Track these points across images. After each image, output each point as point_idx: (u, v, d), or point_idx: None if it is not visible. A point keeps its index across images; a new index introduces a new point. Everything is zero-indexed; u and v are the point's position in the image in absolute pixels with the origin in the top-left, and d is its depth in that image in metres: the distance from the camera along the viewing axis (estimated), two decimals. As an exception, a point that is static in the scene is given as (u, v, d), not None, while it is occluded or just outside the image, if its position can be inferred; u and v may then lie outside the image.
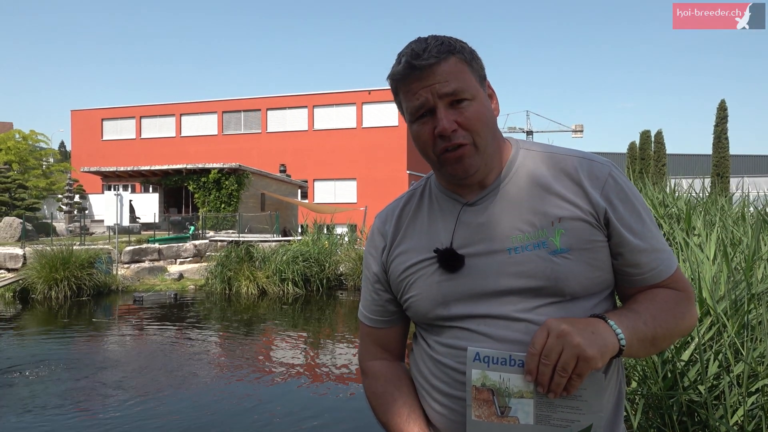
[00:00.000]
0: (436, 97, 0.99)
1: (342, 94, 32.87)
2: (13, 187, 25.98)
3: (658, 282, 1.04)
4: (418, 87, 1.00)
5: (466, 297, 1.02)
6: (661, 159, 27.80)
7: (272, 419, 5.20)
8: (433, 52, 0.99)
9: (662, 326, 0.99)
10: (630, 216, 1.01)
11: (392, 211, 1.17)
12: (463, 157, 1.01)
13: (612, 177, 1.03)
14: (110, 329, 9.88)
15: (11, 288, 12.83)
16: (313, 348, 8.68)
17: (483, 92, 1.04)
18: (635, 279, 1.04)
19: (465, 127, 1.00)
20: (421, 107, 1.01)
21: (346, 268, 14.19)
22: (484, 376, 0.95)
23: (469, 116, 1.00)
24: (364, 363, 1.23)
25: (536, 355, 0.90)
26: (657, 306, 1.00)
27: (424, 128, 1.02)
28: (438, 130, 0.99)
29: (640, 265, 1.02)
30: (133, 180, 25.03)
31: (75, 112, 37.41)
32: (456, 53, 1.01)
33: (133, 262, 15.17)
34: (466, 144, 1.00)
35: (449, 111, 0.99)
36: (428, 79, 0.99)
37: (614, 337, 0.92)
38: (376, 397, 1.15)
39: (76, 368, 6.95)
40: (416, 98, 1.01)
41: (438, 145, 1.01)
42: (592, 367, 0.89)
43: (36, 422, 5.09)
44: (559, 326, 0.90)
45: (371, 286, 1.19)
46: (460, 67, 1.01)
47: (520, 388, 0.93)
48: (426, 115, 1.02)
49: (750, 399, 2.02)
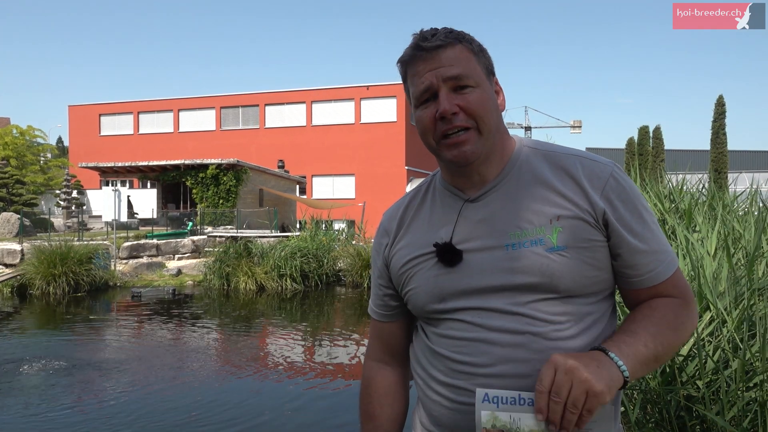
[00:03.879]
0: (440, 80, 1.01)
1: (340, 90, 32.78)
2: (11, 183, 25.92)
3: (657, 284, 1.03)
4: (423, 69, 1.02)
5: (462, 291, 1.04)
6: (659, 154, 27.82)
7: (270, 413, 5.21)
8: (441, 37, 1.02)
9: (663, 343, 0.98)
10: (630, 217, 1.01)
11: (398, 209, 1.20)
12: (465, 142, 1.01)
13: (614, 177, 1.03)
14: (108, 325, 9.88)
15: (9, 284, 12.81)
16: (311, 343, 8.69)
17: (489, 84, 1.05)
18: (633, 281, 1.04)
19: (468, 112, 1.01)
20: (426, 91, 1.02)
21: (344, 263, 14.19)
22: (494, 417, 0.95)
23: (473, 101, 1.01)
24: (366, 361, 1.29)
25: (545, 392, 0.90)
26: (656, 322, 1.00)
27: (426, 112, 1.04)
28: (439, 112, 1.01)
29: (638, 267, 1.02)
30: (131, 175, 24.98)
31: (72, 108, 37.28)
32: (464, 41, 1.04)
33: (131, 257, 15.15)
34: (468, 128, 1.01)
35: (452, 95, 1.01)
36: (434, 62, 1.01)
37: (617, 370, 0.92)
38: (362, 403, 1.26)
39: (73, 364, 6.95)
40: (421, 82, 1.03)
41: (439, 128, 1.02)
42: (602, 401, 0.88)
43: (33, 417, 5.09)
44: (566, 362, 0.89)
45: (376, 280, 1.24)
46: (467, 55, 1.03)
47: (531, 427, 0.93)
48: (430, 100, 1.03)
49: (747, 394, 2.02)
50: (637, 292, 1.05)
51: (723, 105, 25.68)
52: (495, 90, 1.08)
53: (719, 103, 25.67)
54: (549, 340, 0.98)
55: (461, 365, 1.02)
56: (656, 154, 27.85)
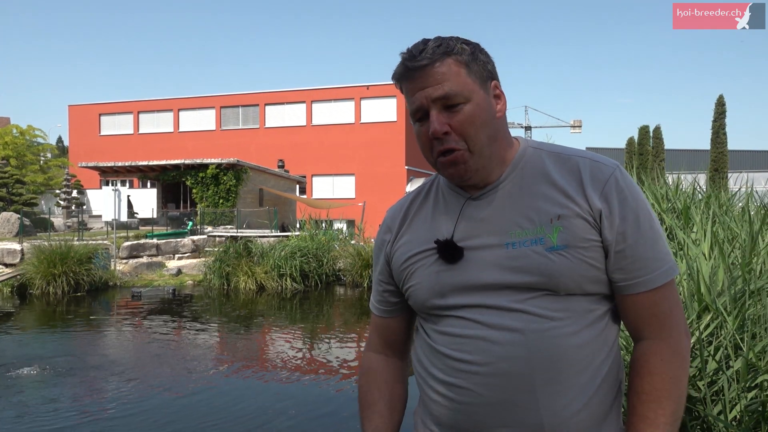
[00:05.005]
0: (429, 101, 1.02)
1: (340, 90, 32.79)
2: (11, 183, 25.91)
3: (643, 291, 1.01)
4: (413, 90, 1.03)
5: (462, 288, 1.04)
6: (659, 154, 27.81)
7: (270, 413, 5.21)
8: (428, 54, 1.01)
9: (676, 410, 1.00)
10: (625, 219, 1.00)
11: (401, 206, 1.21)
12: (456, 162, 1.03)
13: (615, 178, 1.02)
14: (108, 325, 9.87)
15: (9, 283, 12.81)
16: (311, 343, 8.69)
17: (483, 93, 1.04)
18: (620, 285, 1.02)
19: (457, 132, 1.02)
20: (418, 110, 1.04)
21: (344, 263, 14.19)
22: None
23: (462, 120, 1.01)
24: (365, 352, 1.31)
25: None
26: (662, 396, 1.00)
27: (422, 130, 1.06)
28: (430, 133, 1.02)
29: (625, 271, 1.01)
30: (131, 175, 24.98)
31: (72, 108, 37.29)
32: (453, 54, 1.02)
33: (131, 257, 15.15)
34: (459, 150, 1.02)
35: (442, 114, 1.02)
36: (422, 81, 1.02)
37: None
38: (361, 391, 1.26)
39: (73, 364, 6.95)
40: (412, 102, 1.04)
41: (435, 147, 1.04)
42: None
43: (33, 417, 5.09)
44: None
45: (377, 276, 1.25)
46: (456, 70, 1.01)
47: None
48: (423, 118, 1.05)
49: (749, 394, 2.02)
50: (623, 298, 1.04)
51: (723, 105, 25.66)
52: (495, 95, 1.06)
53: (719, 103, 25.65)
54: (550, 337, 0.98)
55: (460, 363, 1.02)
56: (656, 154, 27.84)
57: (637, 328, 1.05)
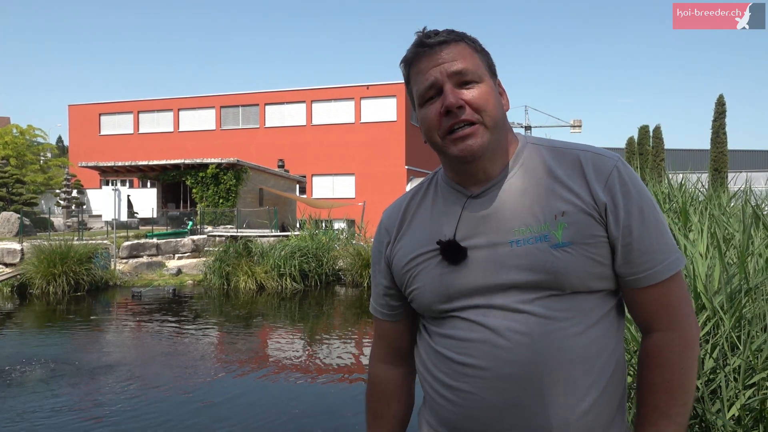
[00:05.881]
0: (445, 75, 1.01)
1: (340, 89, 32.77)
2: (11, 182, 25.91)
3: (652, 285, 1.00)
4: (427, 66, 1.02)
5: (468, 289, 1.02)
6: (659, 154, 27.82)
7: (270, 413, 5.21)
8: (443, 34, 1.03)
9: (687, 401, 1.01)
10: (630, 213, 0.99)
11: (399, 206, 1.18)
12: (471, 136, 1.00)
13: (617, 170, 1.01)
14: (108, 324, 9.88)
15: (9, 283, 12.81)
16: (311, 343, 8.69)
17: (492, 82, 1.05)
18: (628, 279, 1.01)
19: (473, 106, 1.00)
20: (431, 87, 1.02)
21: (344, 263, 14.20)
22: None
23: (478, 95, 1.01)
24: (371, 363, 1.29)
25: None
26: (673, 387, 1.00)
27: (431, 109, 1.03)
28: (444, 106, 1.00)
29: (632, 265, 1.00)
30: (131, 175, 24.98)
31: (72, 107, 37.26)
32: (466, 40, 1.04)
33: (131, 257, 15.15)
34: (475, 122, 1.00)
35: (457, 90, 1.01)
36: (438, 58, 1.02)
37: None
38: (368, 402, 1.27)
39: (73, 364, 6.95)
40: (426, 78, 1.02)
41: (444, 124, 1.01)
42: None
43: (33, 417, 5.09)
44: None
45: (377, 280, 1.22)
46: (470, 52, 1.04)
47: None
48: (434, 96, 1.02)
49: (747, 392, 2.03)
50: (631, 292, 1.03)
51: (723, 105, 25.67)
52: (498, 91, 1.07)
53: (719, 103, 25.66)
54: (556, 339, 0.97)
55: (465, 368, 1.01)
56: (656, 154, 27.85)
57: (647, 320, 1.04)
